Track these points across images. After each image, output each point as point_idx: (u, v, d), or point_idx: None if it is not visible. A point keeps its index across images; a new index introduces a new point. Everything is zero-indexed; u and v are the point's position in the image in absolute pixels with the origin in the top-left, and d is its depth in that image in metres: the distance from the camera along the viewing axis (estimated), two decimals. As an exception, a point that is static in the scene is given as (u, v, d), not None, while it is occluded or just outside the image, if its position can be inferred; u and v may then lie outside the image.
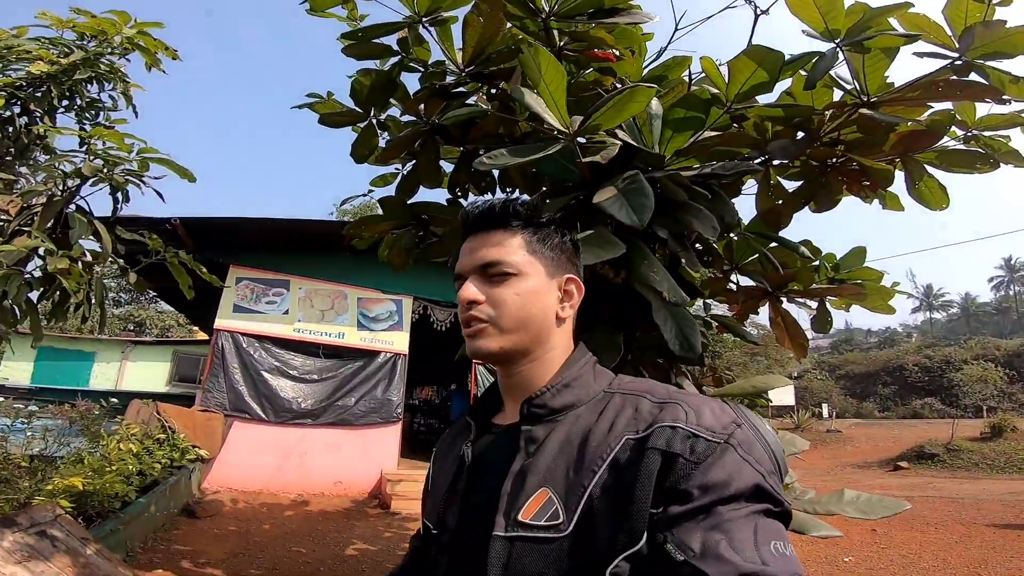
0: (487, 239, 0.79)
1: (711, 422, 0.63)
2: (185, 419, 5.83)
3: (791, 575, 0.52)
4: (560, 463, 0.67)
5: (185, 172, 2.54)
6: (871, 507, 1.53)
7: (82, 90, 2.64)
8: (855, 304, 2.57)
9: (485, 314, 0.76)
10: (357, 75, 2.50)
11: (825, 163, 2.06)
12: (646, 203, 1.32)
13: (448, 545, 0.75)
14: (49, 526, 3.06)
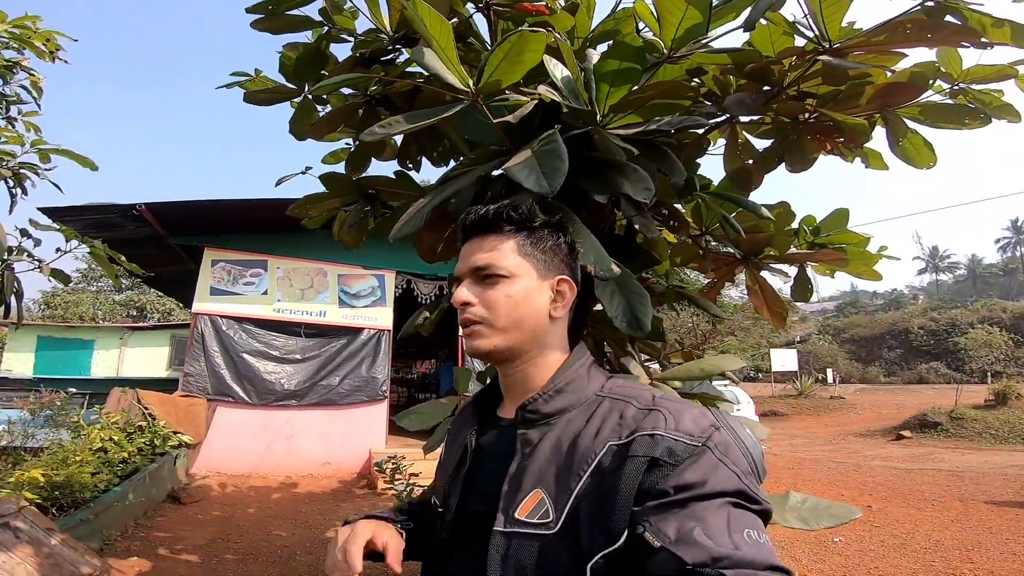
0: (481, 244, 0.84)
1: (690, 427, 0.67)
2: (167, 405, 5.77)
3: (766, 563, 0.54)
4: (552, 466, 0.72)
5: (86, 161, 2.40)
6: (815, 515, 1.34)
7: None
8: (837, 270, 2.42)
9: (478, 315, 0.81)
10: (284, 49, 2.38)
11: (796, 119, 1.87)
12: (559, 166, 1.14)
13: (451, 524, 0.82)
14: (12, 518, 3.07)
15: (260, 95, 2.49)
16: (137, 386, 6.59)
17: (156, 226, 6.03)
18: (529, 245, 0.83)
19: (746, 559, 0.54)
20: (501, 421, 0.86)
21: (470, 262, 0.84)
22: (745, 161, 2.16)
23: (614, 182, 1.34)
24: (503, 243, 0.82)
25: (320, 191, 2.55)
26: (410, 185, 2.43)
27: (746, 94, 1.68)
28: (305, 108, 2.54)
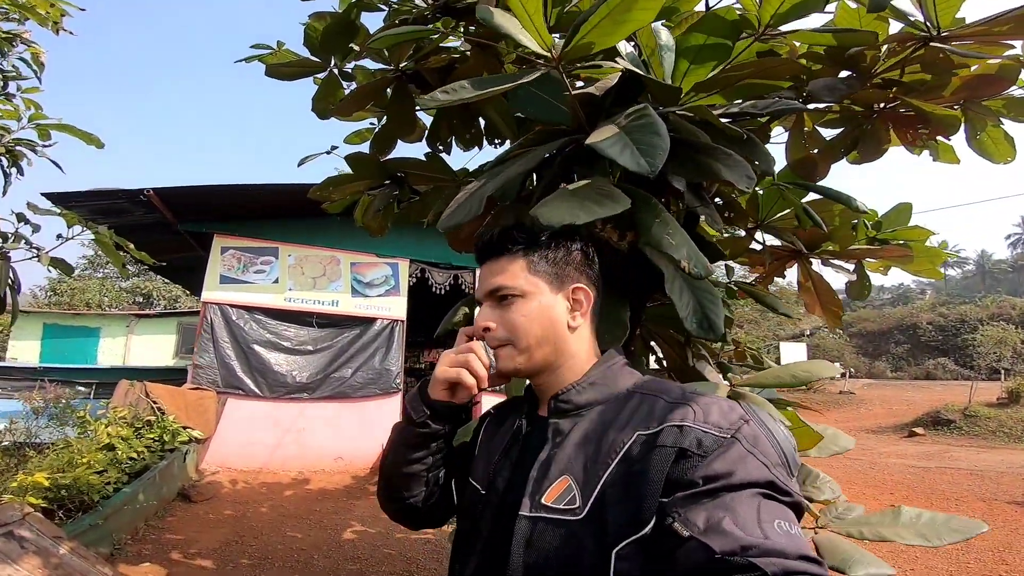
0: (493, 267, 0.87)
1: (718, 419, 0.68)
2: (176, 399, 5.62)
3: (797, 553, 0.54)
4: (581, 454, 0.74)
5: (90, 138, 2.23)
6: (935, 531, 1.19)
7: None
8: (899, 267, 2.31)
9: (500, 338, 0.84)
10: (310, 20, 2.22)
11: (871, 107, 1.76)
12: (658, 143, 0.97)
13: (496, 506, 0.81)
14: (17, 526, 2.90)
15: (283, 68, 2.36)
16: (144, 375, 6.50)
17: (165, 212, 5.87)
18: (538, 261, 0.85)
19: (776, 548, 0.53)
20: (540, 418, 0.87)
21: (485, 286, 0.87)
22: (810, 150, 2.03)
23: (709, 167, 1.16)
24: (512, 264, 0.85)
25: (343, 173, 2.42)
26: (442, 168, 2.28)
27: (836, 79, 1.55)
28: (330, 84, 2.41)
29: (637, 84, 1.33)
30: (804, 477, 1.40)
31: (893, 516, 1.29)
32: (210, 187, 5.63)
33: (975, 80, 1.56)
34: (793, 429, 1.31)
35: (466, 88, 1.10)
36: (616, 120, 1.11)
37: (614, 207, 0.98)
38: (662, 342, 2.01)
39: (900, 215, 2.17)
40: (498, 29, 1.10)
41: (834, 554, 1.31)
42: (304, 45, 2.29)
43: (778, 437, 0.71)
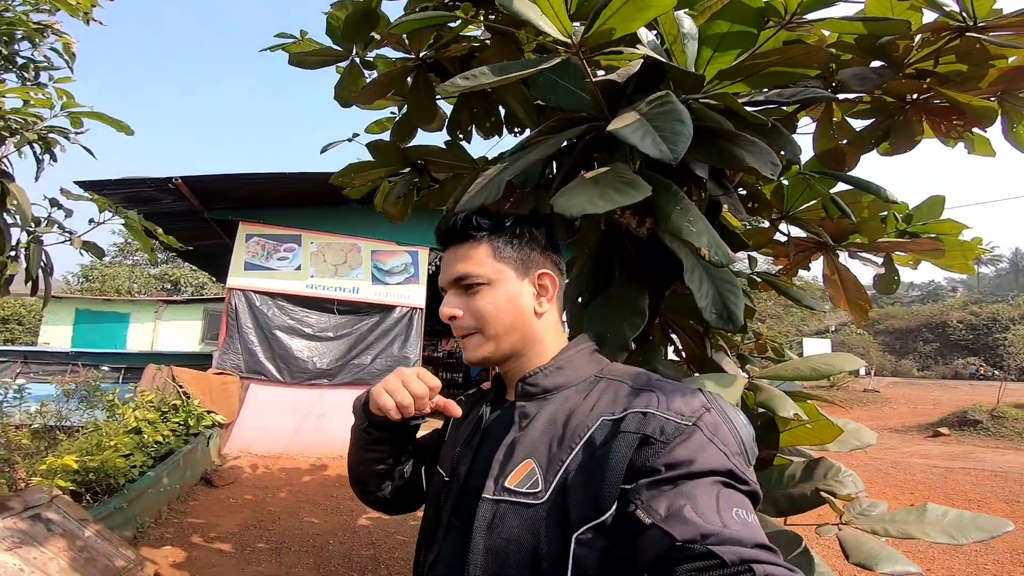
0: (456, 253, 0.86)
1: (681, 407, 0.69)
2: (201, 383, 5.75)
3: (753, 541, 0.56)
4: (545, 438, 0.74)
5: (121, 125, 2.27)
6: (961, 529, 1.18)
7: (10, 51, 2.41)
8: (930, 261, 2.25)
9: (468, 327, 0.84)
10: (332, 8, 2.24)
11: (903, 98, 1.70)
12: (681, 130, 0.96)
13: (457, 492, 0.82)
14: (44, 509, 2.99)
15: (308, 57, 2.39)
16: (171, 360, 6.65)
17: (192, 199, 6.00)
18: (503, 247, 0.84)
19: (734, 536, 0.55)
20: (506, 403, 0.88)
21: (449, 274, 0.85)
22: (839, 141, 1.98)
23: (733, 154, 1.15)
24: (476, 250, 0.83)
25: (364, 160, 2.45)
26: (462, 156, 2.28)
27: (868, 68, 1.51)
28: (352, 72, 2.43)
29: (659, 72, 1.31)
30: (826, 471, 1.39)
31: (919, 513, 1.28)
32: (236, 175, 5.73)
33: (1013, 71, 1.51)
34: (812, 423, 1.30)
35: (486, 74, 1.09)
36: (638, 107, 1.10)
37: (634, 195, 0.97)
38: (681, 332, 1.99)
39: (932, 208, 2.12)
40: (518, 15, 1.09)
41: (859, 551, 1.29)
42: (326, 34, 2.31)
43: (737, 426, 0.72)
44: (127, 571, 3.01)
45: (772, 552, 0.55)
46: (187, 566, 3.40)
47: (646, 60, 1.21)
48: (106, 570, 2.90)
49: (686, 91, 1.34)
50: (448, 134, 2.50)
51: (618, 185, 1.00)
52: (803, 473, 1.42)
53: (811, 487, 1.39)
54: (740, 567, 0.52)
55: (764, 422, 1.43)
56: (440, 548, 0.82)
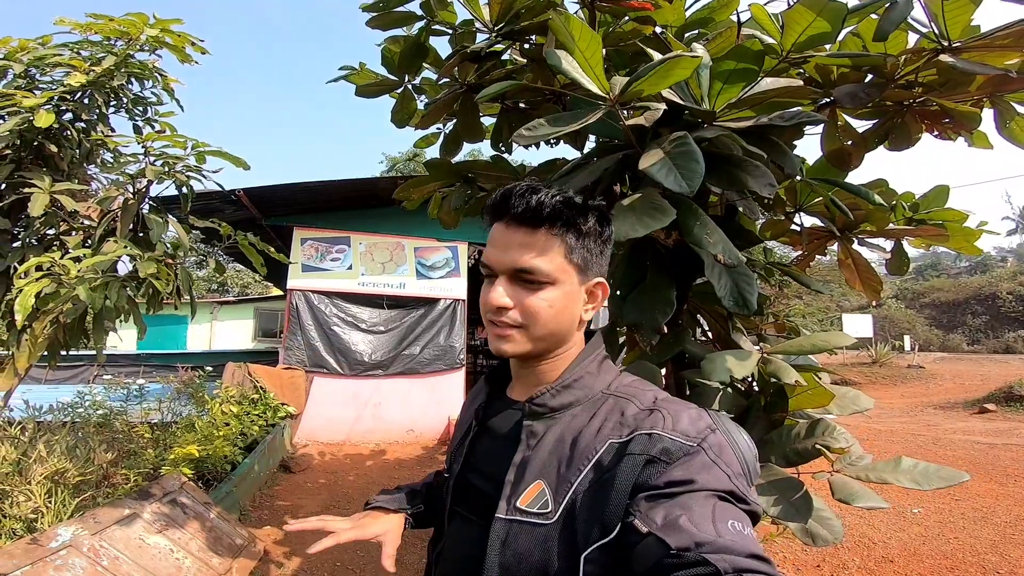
0: (526, 239, 0.76)
1: (687, 428, 0.69)
2: (273, 378, 6.21)
3: (747, 551, 0.56)
4: (554, 459, 0.74)
5: (239, 161, 2.65)
6: (927, 478, 1.46)
7: (125, 90, 2.78)
8: (937, 245, 2.43)
9: (514, 321, 0.77)
10: (386, 43, 2.53)
11: (901, 103, 1.92)
12: (696, 168, 1.27)
13: (452, 488, 0.88)
14: (177, 494, 3.33)
15: (369, 88, 2.68)
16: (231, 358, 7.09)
17: (252, 209, 6.48)
18: (576, 248, 0.78)
19: (728, 546, 0.56)
20: (509, 401, 0.88)
21: (512, 260, 0.76)
22: (844, 142, 2.21)
23: (738, 179, 1.45)
24: (553, 244, 0.76)
25: (421, 175, 2.76)
26: (506, 168, 2.57)
27: (858, 86, 1.74)
28: (405, 98, 2.72)
29: (678, 106, 1.61)
30: (824, 429, 1.67)
31: (894, 464, 1.56)
32: (292, 185, 6.17)
33: (999, 78, 1.65)
34: (808, 388, 1.60)
35: (544, 126, 1.42)
36: (662, 144, 1.40)
37: (663, 219, 1.29)
38: (707, 315, 2.27)
39: (938, 196, 2.31)
40: (566, 74, 1.41)
41: (842, 490, 1.60)
42: (382, 64, 2.60)
43: (741, 447, 0.74)
44: (245, 548, 3.34)
45: (766, 562, 0.56)
46: (287, 542, 3.78)
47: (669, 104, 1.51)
48: (230, 548, 3.25)
49: (702, 121, 1.63)
50: (491, 146, 2.81)
51: (650, 211, 1.32)
52: (807, 431, 1.71)
53: (812, 442, 1.69)
54: (732, 575, 0.53)
55: (776, 389, 1.73)
56: (446, 537, 0.88)
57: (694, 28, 2.05)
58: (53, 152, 2.60)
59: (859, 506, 1.45)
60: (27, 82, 2.55)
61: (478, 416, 0.91)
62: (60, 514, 2.92)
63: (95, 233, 2.51)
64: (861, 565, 3.58)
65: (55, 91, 2.58)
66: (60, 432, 3.56)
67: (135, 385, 5.32)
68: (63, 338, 2.44)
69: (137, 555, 2.72)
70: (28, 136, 2.48)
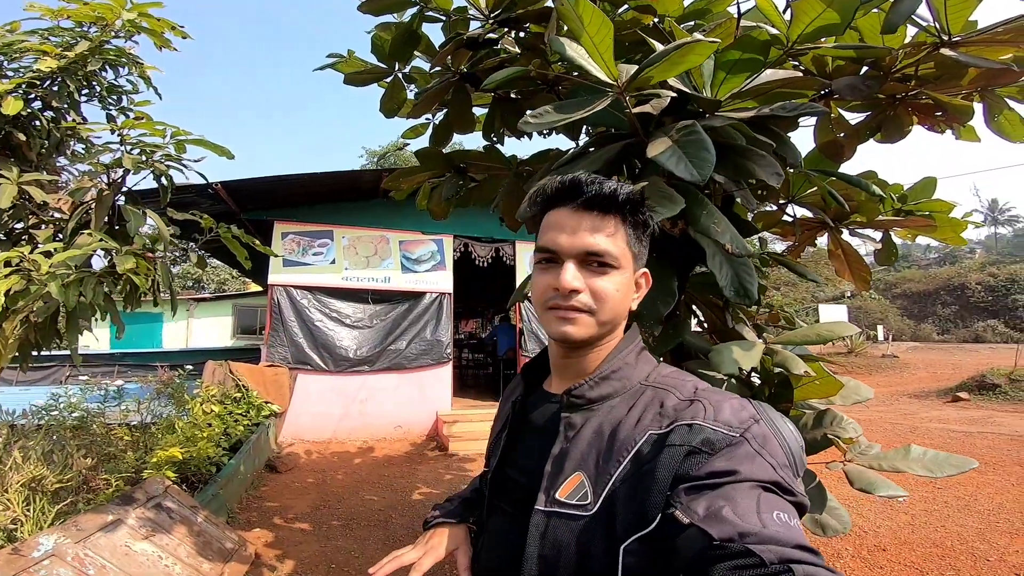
0: (596, 223, 0.77)
1: (728, 418, 0.68)
2: (256, 376, 6.09)
3: (793, 542, 0.54)
4: (593, 450, 0.74)
5: (222, 150, 2.56)
6: (938, 465, 1.48)
7: (99, 78, 2.67)
8: (924, 235, 2.47)
9: (585, 304, 0.77)
10: (377, 30, 2.47)
11: (894, 96, 1.94)
12: (707, 157, 1.25)
13: (491, 482, 0.89)
14: (162, 498, 3.23)
15: (358, 77, 2.60)
16: (209, 356, 6.97)
17: (230, 203, 6.31)
18: (634, 235, 0.80)
19: (773, 536, 0.54)
20: (546, 395, 0.88)
21: (584, 242, 0.76)
22: (837, 134, 2.22)
23: (745, 168, 1.43)
24: (620, 230, 0.78)
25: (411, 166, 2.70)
26: (499, 158, 2.52)
27: (857, 78, 1.75)
28: (395, 87, 2.65)
29: (684, 96, 1.59)
30: (832, 419, 1.68)
31: (905, 452, 1.58)
32: (271, 178, 6.02)
33: (991, 72, 1.68)
34: (818, 378, 1.60)
35: (550, 113, 1.38)
36: (669, 133, 1.38)
37: (673, 208, 1.26)
38: (703, 306, 2.27)
39: (925, 188, 2.34)
40: (570, 60, 1.37)
41: (861, 479, 1.61)
42: (372, 52, 2.53)
43: (787, 437, 0.72)
44: (235, 552, 3.24)
45: (815, 554, 0.54)
46: (278, 544, 3.71)
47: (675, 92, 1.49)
48: (221, 552, 3.15)
49: (706, 111, 1.61)
50: (484, 138, 2.76)
51: (660, 199, 1.30)
52: (814, 422, 1.72)
53: (821, 433, 1.69)
54: (779, 567, 0.51)
55: (780, 380, 1.73)
56: (486, 532, 0.89)
57: (691, 19, 2.03)
58: (21, 141, 2.48)
59: (880, 495, 1.46)
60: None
61: (514, 409, 0.90)
62: (40, 522, 2.82)
63: (67, 226, 2.39)
64: (855, 554, 3.64)
65: (24, 78, 2.45)
66: (35, 437, 3.42)
67: (113, 386, 5.14)
68: (34, 338, 2.33)
69: (124, 563, 2.64)
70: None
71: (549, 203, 0.81)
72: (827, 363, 1.96)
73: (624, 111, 1.47)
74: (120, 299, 2.55)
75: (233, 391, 5.60)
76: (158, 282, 2.44)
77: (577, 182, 0.79)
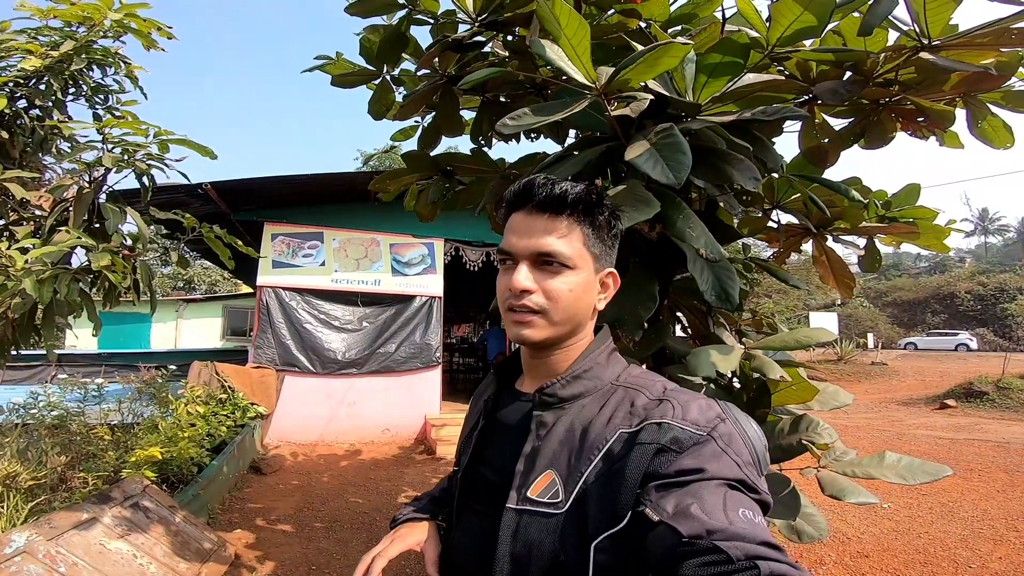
0: (551, 225, 0.78)
1: (696, 417, 0.69)
2: (242, 377, 6.04)
3: (759, 539, 0.55)
4: (565, 449, 0.74)
5: (205, 150, 2.55)
6: (912, 472, 1.49)
7: (85, 77, 2.67)
8: (907, 242, 2.48)
9: (537, 305, 0.78)
10: (365, 32, 2.47)
11: (877, 102, 1.94)
12: (683, 160, 1.25)
13: (461, 481, 0.89)
14: (140, 498, 3.20)
15: (346, 79, 2.59)
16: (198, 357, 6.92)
17: (220, 203, 6.28)
18: (593, 236, 0.80)
19: (740, 533, 0.56)
20: (518, 394, 0.89)
21: (536, 244, 0.78)
22: (821, 140, 2.23)
23: (724, 172, 1.44)
24: (574, 230, 0.78)
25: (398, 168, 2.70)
26: (486, 161, 2.52)
27: (838, 83, 1.76)
28: (383, 89, 2.64)
29: (664, 99, 1.59)
30: (807, 425, 1.68)
31: (879, 459, 1.58)
32: (261, 179, 6.01)
33: (973, 77, 1.70)
34: (793, 383, 1.60)
35: (529, 115, 1.38)
36: (647, 136, 1.38)
37: (648, 211, 1.26)
38: (687, 311, 2.27)
39: (909, 195, 2.35)
40: (551, 62, 1.38)
41: (832, 486, 1.61)
42: (360, 55, 2.52)
43: (751, 436, 0.74)
44: (214, 553, 3.20)
45: (778, 550, 0.55)
46: (259, 546, 3.68)
47: (655, 95, 1.49)
48: (199, 552, 3.12)
49: (687, 114, 1.62)
50: (471, 141, 2.76)
51: (635, 203, 1.30)
52: (790, 427, 1.71)
53: (796, 438, 1.69)
54: (745, 563, 0.53)
55: (758, 385, 1.73)
56: (455, 531, 0.89)
57: (678, 23, 2.04)
58: (4, 139, 2.46)
59: (850, 502, 1.46)
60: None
61: (486, 408, 0.91)
62: (13, 519, 2.80)
63: (46, 223, 2.37)
64: (837, 560, 3.64)
65: (9, 76, 2.44)
66: (11, 434, 3.37)
67: (93, 385, 5.08)
68: (12, 335, 2.30)
69: (97, 561, 2.60)
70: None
71: (510, 208, 0.83)
72: (809, 369, 1.97)
73: (604, 113, 1.47)
74: (99, 298, 2.52)
75: (218, 392, 5.55)
76: (138, 280, 2.41)
77: (530, 185, 0.80)
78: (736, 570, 0.53)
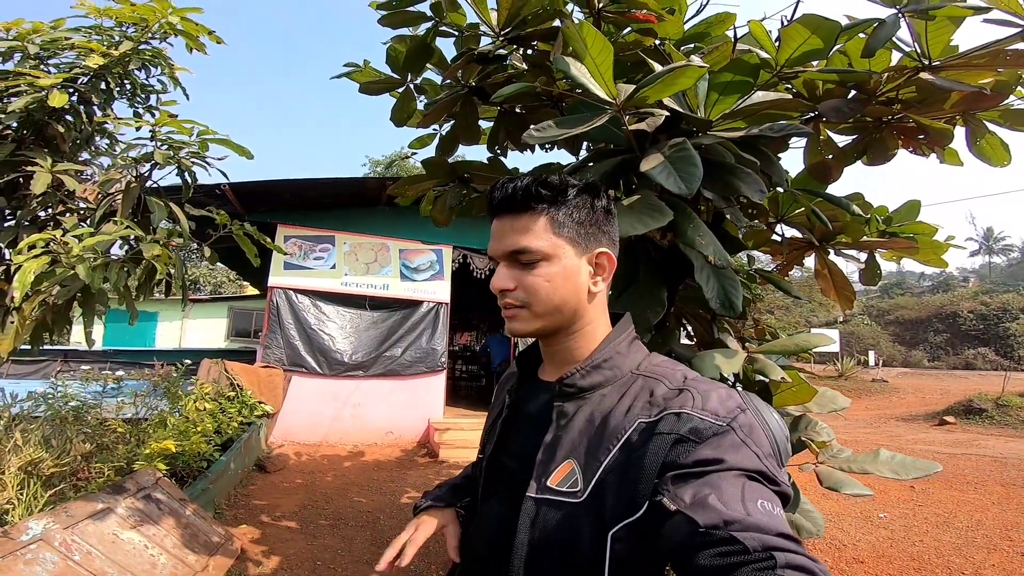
0: (513, 223, 0.81)
1: (716, 407, 0.69)
2: (250, 376, 6.12)
3: (776, 530, 0.56)
4: (584, 438, 0.75)
5: (243, 150, 2.65)
6: (904, 468, 1.58)
7: (133, 76, 2.76)
8: (907, 257, 2.55)
9: (518, 300, 0.81)
10: (392, 42, 2.55)
11: (879, 120, 2.04)
12: (695, 172, 1.35)
13: (485, 469, 0.91)
14: (152, 489, 3.27)
15: (372, 86, 2.70)
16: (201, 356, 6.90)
17: (236, 204, 6.40)
18: (563, 220, 0.80)
19: (757, 524, 0.56)
20: (540, 382, 0.90)
21: (503, 245, 0.81)
22: (825, 156, 2.33)
23: (732, 184, 1.54)
24: (537, 222, 0.79)
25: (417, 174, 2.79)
26: (503, 170, 2.61)
27: (842, 101, 1.85)
28: (407, 98, 2.74)
29: (677, 114, 1.70)
30: (807, 424, 1.77)
31: (874, 456, 1.67)
32: (277, 181, 6.12)
33: (973, 96, 1.77)
34: (794, 384, 1.69)
35: (552, 127, 1.49)
36: (661, 149, 1.49)
37: (661, 220, 1.37)
38: (692, 319, 2.36)
39: (910, 211, 2.43)
40: (574, 79, 1.49)
41: (829, 479, 1.70)
42: (386, 63, 2.62)
43: (772, 427, 0.73)
44: (221, 546, 3.27)
45: (796, 542, 0.55)
46: (264, 541, 3.74)
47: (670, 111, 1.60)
48: (207, 545, 3.19)
49: (698, 129, 1.72)
50: (488, 150, 2.86)
51: (648, 211, 1.40)
52: (791, 426, 1.81)
53: (796, 436, 1.79)
54: (762, 554, 0.53)
55: (760, 387, 1.82)
56: (477, 518, 0.92)
57: (691, 42, 2.15)
58: (58, 133, 2.55)
59: (846, 493, 1.55)
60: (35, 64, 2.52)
61: (510, 398, 0.93)
62: (32, 507, 2.86)
63: (94, 215, 2.48)
64: (833, 566, 3.70)
65: (71, 72, 2.53)
66: (34, 423, 3.46)
67: (113, 378, 5.17)
68: (49, 320, 2.40)
69: (110, 550, 2.67)
70: (36, 115, 2.44)
71: (489, 216, 0.87)
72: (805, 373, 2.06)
73: (621, 128, 1.58)
74: (134, 287, 2.62)
75: (227, 389, 5.62)
76: (172, 273, 2.52)
77: (491, 191, 0.84)
78: (752, 560, 0.53)
